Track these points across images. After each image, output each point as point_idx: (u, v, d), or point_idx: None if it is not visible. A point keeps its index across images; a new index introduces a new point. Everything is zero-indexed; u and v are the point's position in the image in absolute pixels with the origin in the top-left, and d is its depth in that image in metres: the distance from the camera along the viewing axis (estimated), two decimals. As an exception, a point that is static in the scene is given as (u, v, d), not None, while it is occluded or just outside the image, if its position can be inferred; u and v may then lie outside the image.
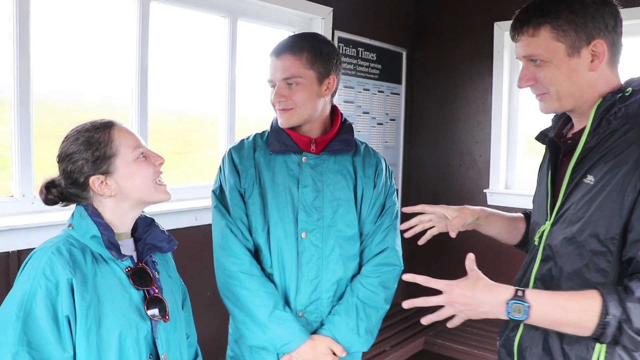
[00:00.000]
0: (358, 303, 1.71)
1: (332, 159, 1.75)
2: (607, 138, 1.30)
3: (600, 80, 1.32)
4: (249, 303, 1.66)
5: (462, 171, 4.04)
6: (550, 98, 1.36)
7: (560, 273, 1.34)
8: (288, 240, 1.70)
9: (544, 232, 1.40)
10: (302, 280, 1.71)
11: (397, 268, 1.79)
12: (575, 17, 1.28)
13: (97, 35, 2.41)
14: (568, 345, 1.32)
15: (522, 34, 1.34)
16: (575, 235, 1.29)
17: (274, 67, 1.69)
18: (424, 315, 1.34)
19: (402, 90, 4.12)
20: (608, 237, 1.23)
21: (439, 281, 1.27)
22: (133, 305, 1.33)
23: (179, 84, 2.80)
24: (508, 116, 3.88)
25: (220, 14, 2.87)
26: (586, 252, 1.28)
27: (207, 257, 2.45)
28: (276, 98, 1.68)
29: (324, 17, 3.31)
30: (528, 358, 1.40)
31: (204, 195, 2.83)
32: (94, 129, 1.37)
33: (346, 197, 1.74)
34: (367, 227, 1.78)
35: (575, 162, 1.34)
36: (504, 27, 3.76)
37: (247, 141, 1.80)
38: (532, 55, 1.33)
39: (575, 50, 1.29)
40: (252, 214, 1.72)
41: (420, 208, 1.66)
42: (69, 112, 2.41)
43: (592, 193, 1.27)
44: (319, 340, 1.68)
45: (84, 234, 1.32)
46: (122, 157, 1.35)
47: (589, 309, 1.16)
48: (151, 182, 1.38)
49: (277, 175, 1.72)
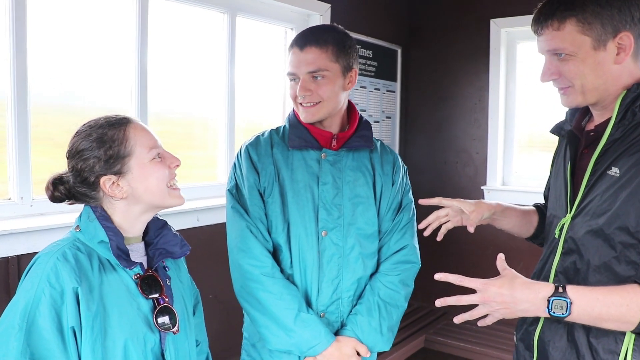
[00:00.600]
0: (380, 302, 1.68)
1: (350, 155, 1.71)
2: (632, 130, 1.28)
3: (625, 73, 1.30)
4: (273, 306, 1.60)
5: (459, 168, 4.04)
6: (575, 92, 1.33)
7: (588, 266, 1.32)
8: (309, 239, 1.66)
9: (564, 225, 1.38)
10: (323, 280, 1.67)
11: (416, 265, 1.77)
12: (602, 10, 1.26)
13: (95, 34, 2.35)
14: (595, 338, 1.30)
15: (546, 27, 1.31)
16: (602, 227, 1.27)
17: (298, 60, 1.63)
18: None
19: (398, 87, 4.10)
20: (639, 229, 1.22)
21: (473, 280, 1.25)
22: (141, 315, 1.25)
23: (178, 82, 2.75)
24: (505, 113, 3.88)
25: (220, 10, 2.82)
26: (616, 245, 1.26)
27: (209, 258, 2.40)
28: (301, 92, 1.62)
29: (321, 14, 3.28)
30: (551, 352, 1.38)
31: (206, 195, 2.79)
32: (108, 125, 1.27)
33: (366, 195, 1.71)
34: (385, 225, 1.75)
35: (598, 154, 1.32)
36: (500, 24, 3.76)
37: (263, 137, 1.74)
38: (557, 50, 1.31)
39: (602, 43, 1.27)
40: (272, 213, 1.67)
41: (437, 201, 1.64)
42: (66, 114, 2.34)
43: (618, 185, 1.26)
44: (344, 342, 1.64)
45: (92, 238, 1.24)
46: (137, 158, 1.27)
47: (632, 303, 1.16)
48: (165, 185, 1.30)
49: (296, 173, 1.67)
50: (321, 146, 1.69)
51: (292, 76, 1.65)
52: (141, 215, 1.32)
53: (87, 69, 2.34)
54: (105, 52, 2.38)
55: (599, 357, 1.29)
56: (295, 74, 1.64)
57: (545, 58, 1.37)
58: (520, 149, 3.93)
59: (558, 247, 1.40)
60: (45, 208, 2.17)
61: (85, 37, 2.32)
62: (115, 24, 2.41)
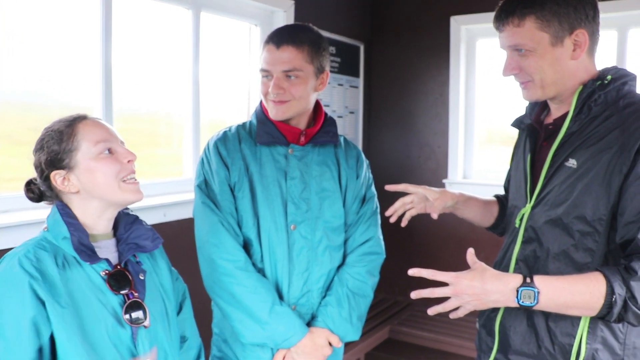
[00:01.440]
0: (348, 293, 1.72)
1: (316, 150, 1.75)
2: (589, 123, 1.35)
3: (580, 68, 1.38)
4: (247, 300, 1.62)
5: (421, 162, 4.12)
6: (534, 86, 1.40)
7: (547, 254, 1.39)
8: (279, 233, 1.68)
9: (524, 214, 1.45)
10: (293, 273, 1.69)
11: (381, 256, 1.82)
12: (559, 8, 1.33)
13: (58, 31, 2.31)
14: (553, 322, 1.37)
15: (507, 24, 1.38)
16: (561, 217, 1.35)
17: (273, 57, 1.64)
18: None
19: (361, 83, 4.15)
20: (595, 218, 1.30)
21: (445, 274, 1.29)
22: (110, 311, 1.26)
23: (143, 79, 2.73)
24: (465, 108, 3.98)
25: (184, 6, 2.81)
26: (574, 233, 1.33)
27: (177, 253, 2.40)
28: (275, 89, 1.63)
29: (285, 10, 3.30)
30: (512, 337, 1.45)
31: (172, 191, 2.78)
32: (59, 123, 1.31)
33: (332, 188, 1.75)
34: (350, 217, 1.80)
35: (557, 146, 1.39)
36: (460, 21, 3.84)
37: (231, 133, 1.75)
38: (518, 45, 1.37)
39: (559, 39, 1.35)
40: (242, 208, 1.68)
41: (404, 187, 1.68)
42: (28, 111, 2.30)
43: (575, 176, 1.33)
44: (317, 333, 1.68)
45: (57, 236, 1.25)
46: (82, 152, 1.28)
47: (595, 290, 1.21)
48: (114, 180, 1.30)
49: (264, 168, 1.69)
50: (288, 142, 1.72)
51: (266, 73, 1.66)
52: (102, 211, 1.33)
53: (49, 66, 2.31)
54: (68, 49, 2.35)
55: (557, 340, 1.37)
56: (269, 71, 1.65)
57: (506, 53, 1.42)
58: (480, 143, 4.03)
59: (518, 236, 1.46)
60: (9, 205, 2.14)
61: (48, 34, 2.28)
62: (78, 19, 2.37)
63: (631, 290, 1.20)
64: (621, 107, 1.33)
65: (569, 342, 1.35)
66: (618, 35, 3.42)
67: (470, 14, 3.79)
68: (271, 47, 1.65)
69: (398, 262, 4.17)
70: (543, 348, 1.39)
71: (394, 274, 4.17)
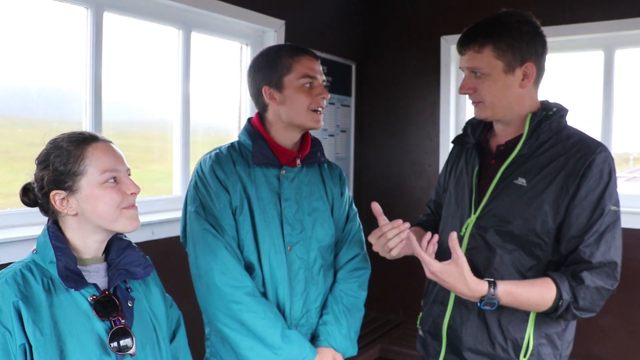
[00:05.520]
0: (344, 309, 1.75)
1: (304, 171, 1.77)
2: (537, 148, 1.55)
3: (526, 96, 1.57)
4: (258, 327, 1.59)
5: (412, 181, 4.13)
6: (485, 107, 1.58)
7: (500, 259, 1.54)
8: (278, 255, 1.68)
9: (469, 224, 1.61)
10: (293, 294, 1.70)
11: (368, 271, 1.85)
12: (514, 42, 1.52)
13: (48, 48, 2.34)
14: (505, 319, 1.55)
15: (468, 49, 1.56)
16: (512, 229, 1.53)
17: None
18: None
19: (352, 102, 4.18)
20: (544, 231, 1.50)
21: (433, 263, 1.47)
22: (95, 338, 1.23)
23: (138, 96, 2.75)
24: (456, 127, 4.00)
25: (174, 26, 2.85)
26: (524, 242, 1.52)
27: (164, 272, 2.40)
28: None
29: (276, 30, 3.34)
30: (463, 337, 1.59)
31: (161, 209, 2.79)
32: (71, 140, 1.28)
33: (322, 207, 1.78)
34: (337, 235, 1.82)
35: (507, 165, 1.57)
36: (450, 41, 3.89)
37: (223, 154, 1.72)
38: (475, 68, 1.55)
39: (511, 69, 1.53)
40: (243, 232, 1.66)
41: (380, 215, 1.62)
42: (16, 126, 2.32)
43: (526, 194, 1.52)
44: (324, 353, 1.69)
45: (44, 259, 1.24)
46: (88, 178, 1.26)
47: (547, 296, 1.45)
48: (114, 210, 1.28)
49: (260, 190, 1.68)
50: (281, 164, 1.72)
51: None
52: (94, 234, 1.31)
53: (40, 85, 2.33)
54: (59, 68, 2.38)
55: (509, 334, 1.55)
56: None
57: (465, 74, 1.61)
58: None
59: (463, 243, 1.60)
60: (6, 221, 2.15)
61: (38, 53, 2.31)
62: (69, 38, 2.40)
63: (576, 296, 1.44)
64: (564, 137, 1.54)
65: (521, 336, 1.54)
66: (605, 56, 3.47)
67: (460, 34, 3.83)
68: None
69: (389, 281, 4.17)
70: (496, 344, 1.55)
71: (385, 293, 4.17)
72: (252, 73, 1.74)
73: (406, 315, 4.05)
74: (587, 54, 3.57)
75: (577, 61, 3.61)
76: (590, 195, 1.46)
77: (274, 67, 1.69)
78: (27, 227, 2.16)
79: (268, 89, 1.70)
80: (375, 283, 1.85)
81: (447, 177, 1.81)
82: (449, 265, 1.45)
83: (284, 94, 1.69)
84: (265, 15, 3.25)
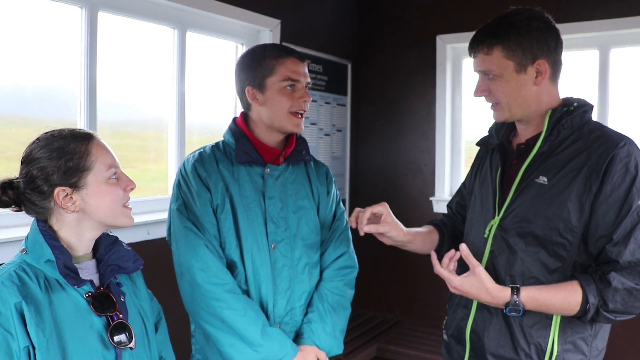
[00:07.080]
0: (329, 308, 1.74)
1: (289, 169, 1.77)
2: (558, 145, 1.50)
3: (543, 93, 1.52)
4: (238, 323, 1.60)
5: (408, 180, 4.14)
6: (502, 108, 1.55)
7: (521, 261, 1.50)
8: (261, 253, 1.68)
9: (492, 226, 1.57)
10: (277, 292, 1.69)
11: (355, 270, 1.85)
12: (523, 40, 1.48)
13: (43, 47, 2.33)
14: (528, 323, 1.50)
15: (478, 52, 1.54)
16: (534, 229, 1.48)
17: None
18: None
19: (348, 101, 4.19)
20: (567, 230, 1.45)
21: (453, 278, 1.46)
22: (95, 333, 1.23)
23: (128, 96, 2.75)
24: (451, 126, 4.01)
25: (170, 25, 2.84)
26: (547, 243, 1.47)
27: (159, 272, 2.40)
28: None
29: (272, 29, 3.33)
30: (486, 341, 1.55)
31: (156, 209, 2.78)
32: (72, 137, 1.27)
33: (308, 205, 1.77)
34: (324, 233, 1.82)
35: (528, 164, 1.53)
36: (445, 40, 3.89)
37: (206, 153, 1.74)
38: (486, 70, 1.53)
39: (522, 67, 1.49)
40: (225, 230, 1.67)
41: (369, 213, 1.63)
42: (10, 125, 2.31)
43: (547, 192, 1.48)
44: (306, 351, 1.68)
45: (38, 258, 1.22)
46: (95, 174, 1.27)
47: (572, 300, 1.40)
48: (119, 206, 1.30)
49: (243, 188, 1.69)
50: (265, 162, 1.73)
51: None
52: (89, 231, 1.31)
53: (35, 81, 2.32)
54: (53, 68, 2.37)
55: (532, 339, 1.50)
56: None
57: (478, 76, 1.57)
58: (467, 161, 4.06)
59: (487, 245, 1.57)
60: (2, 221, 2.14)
61: (32, 52, 2.30)
62: (64, 37, 2.39)
63: (604, 298, 1.38)
64: (586, 133, 1.49)
65: (544, 341, 1.48)
66: (600, 55, 3.48)
67: (456, 33, 3.84)
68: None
69: (386, 280, 4.17)
70: (519, 349, 1.50)
71: (382, 292, 4.17)
72: (238, 72, 1.75)
73: (402, 314, 4.06)
74: (583, 53, 3.58)
75: (572, 60, 3.62)
76: (615, 192, 1.40)
77: (258, 67, 1.69)
78: (19, 227, 2.15)
79: (251, 89, 1.71)
80: (372, 283, 1.86)
81: (472, 179, 1.79)
82: (467, 278, 1.44)
83: (265, 95, 1.69)
84: (261, 14, 3.25)
